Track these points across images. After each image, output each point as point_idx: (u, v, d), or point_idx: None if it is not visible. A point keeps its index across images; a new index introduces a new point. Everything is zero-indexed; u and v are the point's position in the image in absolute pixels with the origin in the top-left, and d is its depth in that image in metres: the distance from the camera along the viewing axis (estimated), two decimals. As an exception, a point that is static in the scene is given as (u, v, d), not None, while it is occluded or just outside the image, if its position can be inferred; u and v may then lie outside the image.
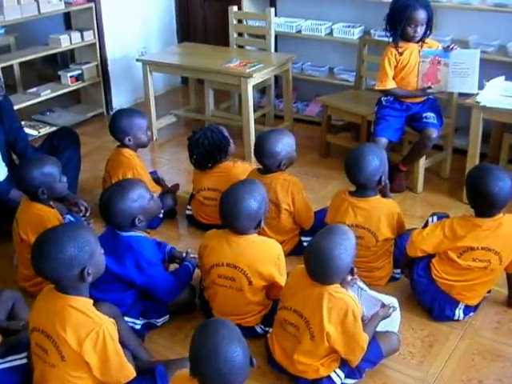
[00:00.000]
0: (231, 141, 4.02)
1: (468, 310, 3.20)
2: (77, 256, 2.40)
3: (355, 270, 2.72)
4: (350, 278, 2.90)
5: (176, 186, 4.40)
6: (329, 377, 2.73)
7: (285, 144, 3.66)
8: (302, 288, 2.72)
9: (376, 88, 4.40)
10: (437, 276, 3.17)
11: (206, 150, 3.91)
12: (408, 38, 4.20)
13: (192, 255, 3.37)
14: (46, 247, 2.39)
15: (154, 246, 3.24)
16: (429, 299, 3.21)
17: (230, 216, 2.99)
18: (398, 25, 4.15)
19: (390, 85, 4.31)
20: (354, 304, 2.67)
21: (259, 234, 3.13)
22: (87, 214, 3.80)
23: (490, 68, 4.32)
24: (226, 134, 4.00)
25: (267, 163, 3.66)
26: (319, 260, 2.62)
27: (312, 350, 2.70)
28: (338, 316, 2.63)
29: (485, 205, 3.04)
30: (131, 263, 3.04)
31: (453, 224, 3.13)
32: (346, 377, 2.75)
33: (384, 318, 2.88)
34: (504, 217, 3.07)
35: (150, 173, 4.36)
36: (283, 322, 2.81)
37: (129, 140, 4.04)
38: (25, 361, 2.72)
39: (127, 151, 4.06)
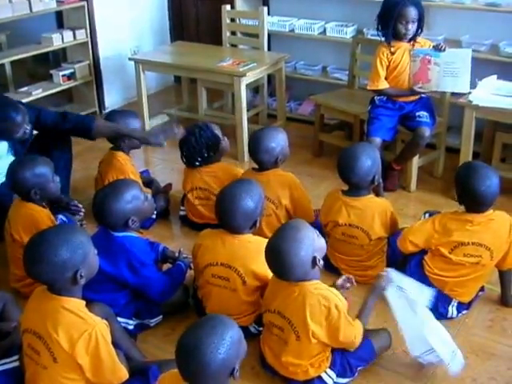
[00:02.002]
0: (224, 139, 4.03)
1: (461, 307, 3.21)
2: (70, 259, 2.39)
3: (321, 262, 2.66)
4: (340, 281, 2.91)
5: (169, 186, 4.40)
6: (320, 377, 2.73)
7: (280, 139, 3.68)
8: (282, 289, 2.71)
9: (368, 88, 4.41)
10: (429, 272, 3.18)
11: (194, 146, 3.92)
12: (400, 36, 4.21)
13: (185, 254, 3.37)
14: (38, 250, 2.38)
15: (146, 246, 3.23)
16: None
17: (227, 214, 2.99)
18: (390, 23, 4.16)
19: (382, 85, 4.31)
20: (337, 298, 2.66)
21: (255, 232, 3.13)
22: (82, 215, 3.78)
23: (483, 67, 4.34)
24: (217, 131, 4.00)
25: (263, 160, 3.66)
26: (271, 258, 2.66)
27: (299, 350, 2.69)
28: (322, 313, 2.62)
29: (472, 203, 3.07)
30: (124, 264, 3.03)
31: (443, 218, 3.16)
32: (339, 376, 2.75)
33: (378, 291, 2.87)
34: (494, 213, 3.10)
35: (142, 172, 4.35)
36: (269, 324, 2.80)
37: (123, 142, 4.02)
38: (16, 364, 2.71)
39: (121, 155, 4.04)
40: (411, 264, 3.24)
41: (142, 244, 3.18)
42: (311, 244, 2.63)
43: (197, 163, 3.96)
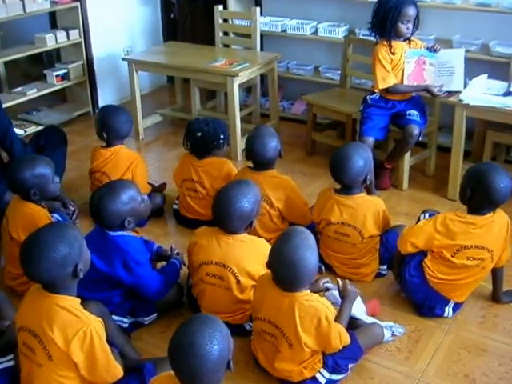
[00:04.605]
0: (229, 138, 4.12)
1: (456, 306, 3.23)
2: (69, 254, 2.40)
3: (323, 267, 2.70)
4: (322, 282, 2.97)
5: (163, 186, 4.43)
6: (313, 377, 2.74)
7: (277, 137, 3.73)
8: (271, 298, 2.70)
9: (380, 88, 4.29)
10: (430, 276, 3.16)
11: (205, 135, 3.94)
12: (400, 35, 4.21)
13: (177, 250, 3.38)
14: (37, 250, 2.37)
15: (142, 246, 3.22)
16: (420, 298, 3.22)
17: (223, 216, 3.00)
18: (391, 22, 4.14)
19: (393, 80, 4.27)
20: (326, 309, 2.66)
21: (249, 232, 3.14)
22: (74, 216, 3.81)
23: (473, 66, 4.36)
24: (225, 129, 4.07)
25: (265, 159, 3.67)
26: (284, 265, 2.59)
27: (292, 357, 2.70)
28: (312, 323, 2.62)
29: (483, 199, 3.04)
30: (119, 263, 3.04)
31: (445, 219, 3.13)
32: (332, 373, 2.76)
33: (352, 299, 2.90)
34: (495, 215, 3.10)
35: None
36: (260, 331, 2.81)
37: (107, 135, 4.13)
38: (11, 363, 2.72)
39: (124, 147, 4.16)
40: (410, 266, 3.22)
41: (137, 243, 3.18)
42: (317, 251, 2.67)
43: (201, 152, 3.98)
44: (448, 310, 3.21)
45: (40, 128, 5.19)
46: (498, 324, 3.20)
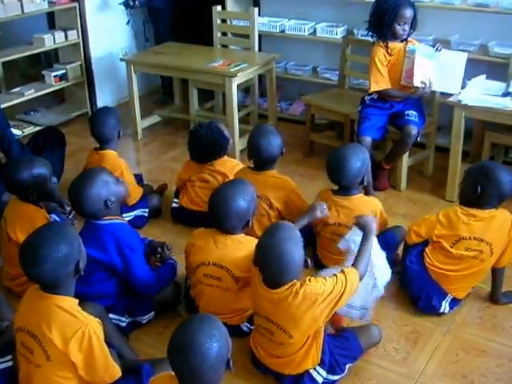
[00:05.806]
0: (230, 139, 4.12)
1: (454, 303, 3.25)
2: (71, 252, 2.41)
3: (309, 261, 2.67)
4: (318, 211, 3.19)
5: (164, 186, 4.43)
6: (310, 375, 2.74)
7: (279, 135, 3.74)
8: (263, 295, 2.70)
9: (372, 90, 4.34)
10: (429, 264, 3.22)
11: (207, 147, 3.96)
12: (396, 37, 4.23)
13: (169, 246, 3.39)
14: (40, 249, 2.37)
15: (134, 233, 3.24)
16: (418, 286, 3.24)
17: (220, 215, 3.00)
18: (387, 23, 4.17)
19: (386, 84, 4.31)
20: (318, 287, 2.60)
21: (247, 232, 3.14)
22: (70, 216, 3.81)
23: (472, 67, 4.36)
24: (227, 132, 4.07)
25: (270, 156, 3.67)
26: (271, 258, 2.57)
27: (293, 347, 2.70)
28: (311, 312, 2.60)
29: (493, 194, 3.11)
30: (113, 248, 3.05)
31: (447, 211, 3.22)
32: (328, 373, 2.76)
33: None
34: (497, 211, 3.15)
35: (135, 175, 4.35)
36: (258, 327, 2.82)
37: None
38: (10, 363, 2.72)
39: (112, 153, 4.08)
40: (411, 254, 3.29)
41: (129, 229, 3.20)
42: (302, 244, 2.66)
43: (209, 159, 4.01)
44: (445, 305, 3.22)
45: (38, 129, 5.20)
46: (496, 325, 3.20)
